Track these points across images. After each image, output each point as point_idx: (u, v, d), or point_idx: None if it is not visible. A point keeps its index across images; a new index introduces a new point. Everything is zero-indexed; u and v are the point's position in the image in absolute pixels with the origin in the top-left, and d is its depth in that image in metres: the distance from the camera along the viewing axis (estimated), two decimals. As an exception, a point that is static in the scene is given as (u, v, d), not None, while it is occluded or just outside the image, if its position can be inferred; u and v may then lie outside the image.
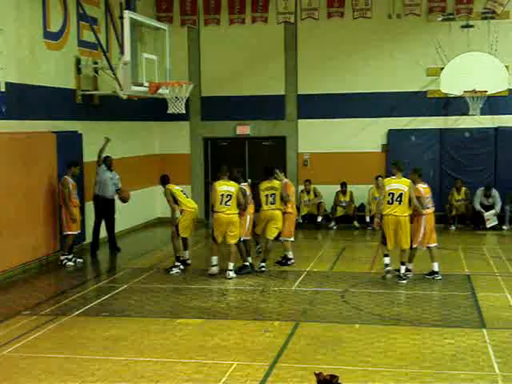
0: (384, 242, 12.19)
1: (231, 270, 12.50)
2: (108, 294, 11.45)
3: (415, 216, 12.11)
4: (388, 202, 11.95)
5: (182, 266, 13.11)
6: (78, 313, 10.32)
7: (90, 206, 15.43)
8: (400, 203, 11.89)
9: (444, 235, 16.76)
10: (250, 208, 13.21)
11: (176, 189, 13.32)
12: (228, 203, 12.48)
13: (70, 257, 13.85)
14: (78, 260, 14.05)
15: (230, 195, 12.51)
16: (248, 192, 13.14)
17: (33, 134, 13.54)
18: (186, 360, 8.14)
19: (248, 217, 13.11)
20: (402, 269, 12.02)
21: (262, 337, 9.04)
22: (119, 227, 16.37)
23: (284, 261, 13.63)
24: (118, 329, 9.47)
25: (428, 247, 12.29)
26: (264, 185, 13.26)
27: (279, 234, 13.37)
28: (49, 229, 14.00)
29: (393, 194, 11.96)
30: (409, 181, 12.11)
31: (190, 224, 13.29)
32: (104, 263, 14.92)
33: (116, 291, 11.66)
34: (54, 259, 14.06)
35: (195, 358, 8.22)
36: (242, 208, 12.72)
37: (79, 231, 14.17)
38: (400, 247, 12.12)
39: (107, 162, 15.14)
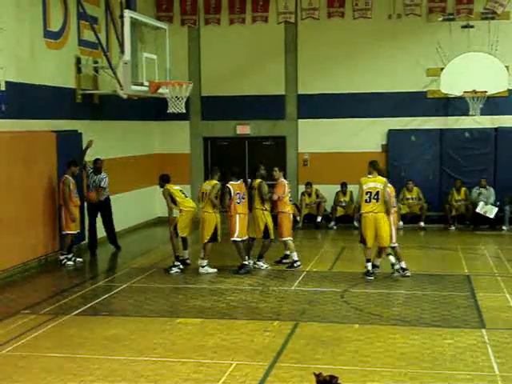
0: (362, 240, 12.32)
1: (202, 267, 12.83)
2: (107, 294, 11.46)
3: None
4: (366, 201, 12.15)
5: (181, 266, 13.11)
6: (77, 312, 10.32)
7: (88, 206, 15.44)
8: (377, 201, 12.06)
9: (444, 235, 16.77)
10: (238, 208, 13.03)
11: (175, 189, 13.34)
12: (203, 200, 12.92)
13: (69, 256, 13.85)
14: (78, 259, 14.05)
15: (206, 193, 12.90)
16: (236, 191, 12.98)
17: (33, 133, 13.54)
18: (185, 359, 8.14)
19: (237, 217, 12.96)
20: (368, 266, 12.29)
21: (261, 336, 9.04)
22: (119, 226, 16.35)
23: (282, 260, 13.60)
24: (118, 328, 9.46)
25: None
26: (251, 185, 13.49)
27: (267, 234, 13.25)
28: (49, 228, 13.99)
29: (370, 192, 12.15)
30: (384, 179, 12.30)
31: (189, 223, 13.30)
32: (103, 262, 14.92)
33: (115, 291, 11.67)
34: (53, 258, 14.07)
35: (194, 357, 8.21)
36: (216, 207, 12.81)
37: (78, 231, 14.16)
38: (379, 245, 12.24)
39: (96, 166, 15.13)
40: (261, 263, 13.25)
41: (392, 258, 12.50)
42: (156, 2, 19.24)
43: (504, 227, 17.63)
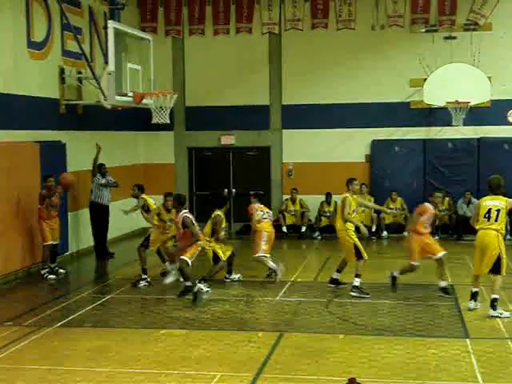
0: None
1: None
2: (91, 305, 11.39)
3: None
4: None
5: (148, 279, 12.92)
6: (60, 324, 10.25)
7: (73, 216, 15.39)
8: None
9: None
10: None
11: (150, 201, 13.37)
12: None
13: (52, 266, 13.72)
14: (61, 270, 13.95)
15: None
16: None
17: (16, 144, 13.47)
18: (169, 371, 8.11)
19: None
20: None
21: (246, 347, 9.02)
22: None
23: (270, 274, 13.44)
24: (101, 340, 9.41)
25: None
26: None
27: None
28: (31, 239, 13.90)
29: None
30: (344, 195, 12.19)
31: (159, 238, 13.10)
32: (87, 273, 14.85)
33: (99, 302, 11.60)
34: (36, 269, 13.96)
35: (179, 368, 8.18)
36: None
37: (54, 242, 13.92)
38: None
39: (102, 170, 15.52)
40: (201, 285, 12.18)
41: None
42: (140, 12, 19.23)
43: (487, 237, 17.69)
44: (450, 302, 11.31)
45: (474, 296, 10.84)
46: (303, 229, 18.50)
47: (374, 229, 18.30)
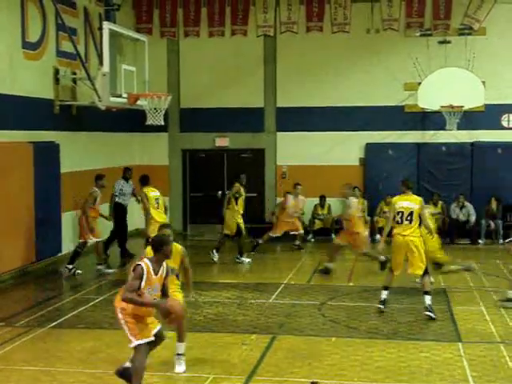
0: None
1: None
2: (84, 306, 11.37)
3: None
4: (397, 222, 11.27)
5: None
6: (53, 325, 10.24)
7: (68, 217, 15.40)
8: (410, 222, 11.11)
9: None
10: None
11: (151, 195, 13.42)
12: None
13: (70, 267, 13.93)
14: (78, 271, 14.01)
15: None
16: None
17: (9, 145, 13.43)
18: (161, 373, 8.10)
19: None
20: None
21: (239, 350, 9.02)
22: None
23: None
24: (94, 341, 9.40)
25: None
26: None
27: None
28: (25, 239, 13.87)
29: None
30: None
31: None
32: (81, 275, 14.79)
33: (92, 303, 11.58)
34: (30, 270, 13.94)
35: (171, 370, 8.17)
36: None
37: (92, 240, 14.22)
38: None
39: (126, 175, 16.06)
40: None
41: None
42: (135, 14, 19.22)
43: (480, 241, 17.78)
44: (442, 306, 11.32)
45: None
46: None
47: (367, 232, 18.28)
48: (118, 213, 15.89)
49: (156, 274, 7.15)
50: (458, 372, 8.18)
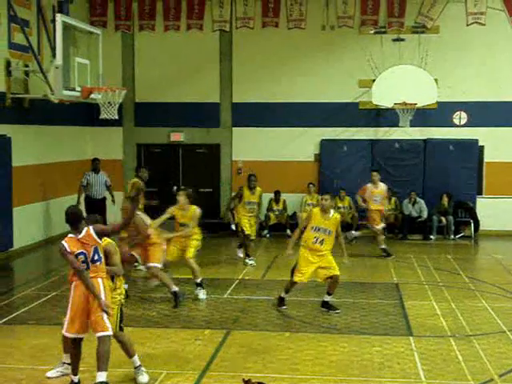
0: None
1: None
2: (35, 302, 11.22)
3: None
4: None
5: None
6: (3, 321, 10.08)
7: (18, 212, 15.16)
8: None
9: (374, 244, 16.99)
10: None
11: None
12: None
13: None
14: None
15: None
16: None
17: (-41, 137, 13.18)
18: (115, 369, 8.02)
19: None
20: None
21: (192, 345, 9.01)
22: (55, 232, 16.31)
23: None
24: (46, 338, 9.28)
25: None
26: None
27: None
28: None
29: None
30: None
31: None
32: (33, 270, 14.59)
33: (44, 299, 11.43)
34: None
35: (124, 366, 8.10)
36: None
37: None
38: None
39: (93, 166, 16.55)
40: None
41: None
42: (89, 6, 18.97)
43: (432, 236, 18.06)
44: (394, 300, 11.48)
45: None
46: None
47: None
48: (87, 206, 16.07)
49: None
50: (409, 366, 8.30)
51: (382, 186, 16.09)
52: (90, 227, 7.39)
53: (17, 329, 9.80)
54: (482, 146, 18.77)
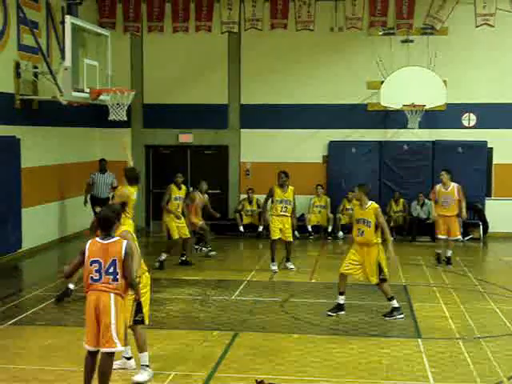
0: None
1: None
2: (44, 303, 11.24)
3: None
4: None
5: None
6: (12, 322, 10.10)
7: (27, 213, 15.20)
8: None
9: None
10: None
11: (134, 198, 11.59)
12: None
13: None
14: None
15: None
16: None
17: (-31, 139, 13.23)
18: (123, 370, 8.05)
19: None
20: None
21: (200, 346, 9.01)
22: (64, 233, 16.40)
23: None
24: (54, 338, 9.31)
25: None
26: None
27: None
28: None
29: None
30: None
31: None
32: (42, 271, 14.63)
33: (52, 300, 11.44)
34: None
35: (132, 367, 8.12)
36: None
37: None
38: None
39: (100, 167, 17.15)
40: None
41: None
42: (98, 8, 19.03)
43: (440, 238, 17.97)
44: (403, 302, 11.44)
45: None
46: (260, 228, 18.51)
47: (330, 229, 18.44)
48: (92, 204, 16.63)
49: None
50: (417, 368, 8.28)
51: (454, 187, 14.58)
52: (125, 241, 6.96)
53: (25, 330, 9.82)
54: (491, 148, 18.70)
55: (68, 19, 13.86)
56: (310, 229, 18.43)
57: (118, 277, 6.85)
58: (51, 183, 16.62)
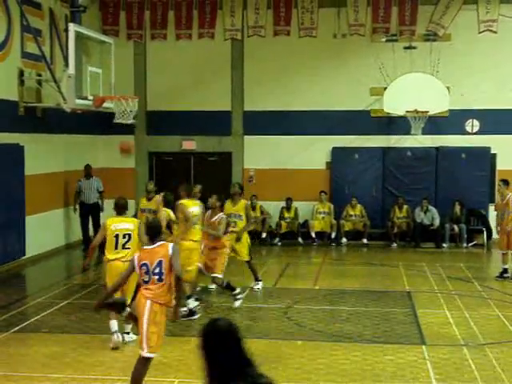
0: None
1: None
2: (48, 310, 11.25)
3: None
4: None
5: None
6: (16, 329, 10.11)
7: (31, 220, 15.22)
8: None
9: (386, 252, 17.01)
10: None
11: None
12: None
13: None
14: None
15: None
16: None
17: (-27, 146, 13.26)
18: (127, 377, 8.01)
19: None
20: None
21: (204, 353, 8.98)
22: (67, 240, 16.69)
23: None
24: (58, 346, 9.30)
25: None
26: None
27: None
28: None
29: None
30: None
31: None
32: (43, 278, 14.65)
33: (56, 307, 11.46)
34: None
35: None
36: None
37: None
38: None
39: (85, 172, 17.12)
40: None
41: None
42: (102, 15, 19.10)
43: (444, 244, 17.98)
44: (407, 309, 11.43)
45: None
46: (263, 235, 18.51)
47: (333, 235, 18.42)
48: (80, 211, 16.93)
49: None
50: (421, 375, 8.26)
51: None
52: (170, 244, 7.61)
53: (29, 337, 9.82)
54: (495, 154, 18.68)
55: (71, 27, 13.90)
56: (313, 235, 18.41)
57: (163, 277, 7.34)
58: (55, 191, 16.64)
